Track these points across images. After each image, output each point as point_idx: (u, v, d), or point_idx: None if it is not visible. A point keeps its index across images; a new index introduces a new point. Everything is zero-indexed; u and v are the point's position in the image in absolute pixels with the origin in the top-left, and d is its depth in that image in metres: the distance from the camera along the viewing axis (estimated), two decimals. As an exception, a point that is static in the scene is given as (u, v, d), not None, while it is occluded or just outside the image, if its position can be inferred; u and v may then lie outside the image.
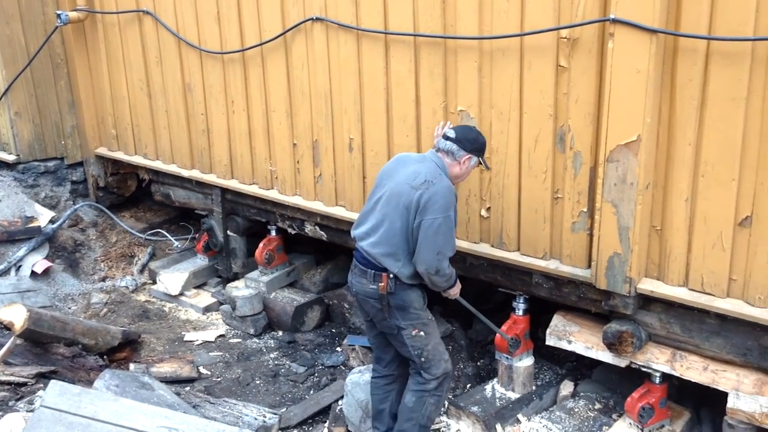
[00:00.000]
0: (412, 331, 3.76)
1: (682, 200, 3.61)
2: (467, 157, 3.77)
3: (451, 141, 3.76)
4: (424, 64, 4.33)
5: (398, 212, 3.63)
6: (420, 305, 3.81)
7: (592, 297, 4.08)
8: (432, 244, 3.58)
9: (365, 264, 3.74)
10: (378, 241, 3.68)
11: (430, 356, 3.82)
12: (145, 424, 3.62)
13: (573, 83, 3.76)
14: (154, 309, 6.11)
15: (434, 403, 3.92)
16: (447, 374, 3.91)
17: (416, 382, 3.89)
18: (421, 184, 3.60)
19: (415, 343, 3.77)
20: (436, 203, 3.56)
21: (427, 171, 3.66)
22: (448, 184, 3.68)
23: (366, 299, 3.78)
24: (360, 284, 3.78)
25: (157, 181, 6.60)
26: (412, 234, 3.62)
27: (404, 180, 3.66)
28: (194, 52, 5.64)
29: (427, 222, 3.55)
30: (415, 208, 3.58)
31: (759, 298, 3.52)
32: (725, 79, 3.32)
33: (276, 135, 5.35)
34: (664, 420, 4.14)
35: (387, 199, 3.69)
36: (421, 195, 3.57)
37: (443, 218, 3.58)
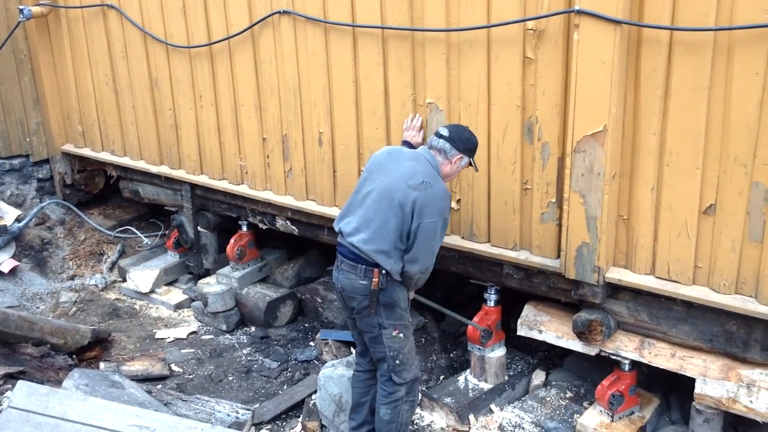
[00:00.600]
0: (392, 331, 3.73)
1: (647, 189, 3.66)
2: (459, 157, 3.77)
3: (444, 139, 3.75)
4: (392, 56, 4.33)
5: (392, 210, 3.59)
6: (406, 305, 3.81)
7: (561, 287, 4.11)
8: (430, 247, 3.63)
9: (354, 259, 3.66)
10: (371, 238, 3.61)
11: (405, 359, 3.80)
12: (116, 423, 3.59)
13: (540, 75, 3.78)
14: (125, 307, 6.04)
15: (408, 408, 3.93)
16: (416, 379, 3.91)
17: (386, 393, 3.84)
18: (419, 185, 3.58)
19: (393, 344, 3.75)
20: (434, 206, 3.58)
21: (424, 171, 3.65)
22: (444, 186, 3.70)
23: (353, 295, 3.70)
24: (348, 280, 3.69)
25: (126, 178, 6.52)
26: (407, 234, 3.60)
27: (400, 177, 3.62)
28: (161, 47, 5.58)
29: (426, 225, 3.56)
30: (411, 209, 3.56)
31: (724, 284, 3.57)
32: (688, 69, 3.37)
33: (245, 129, 5.31)
34: (633, 407, 4.19)
35: (380, 195, 3.63)
36: (418, 196, 3.55)
37: (442, 221, 3.62)
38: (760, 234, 3.40)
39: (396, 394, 3.83)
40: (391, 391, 3.83)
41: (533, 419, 4.34)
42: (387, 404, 3.83)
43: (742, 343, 3.66)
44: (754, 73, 3.21)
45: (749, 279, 3.51)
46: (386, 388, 3.84)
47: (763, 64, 3.18)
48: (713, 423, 3.87)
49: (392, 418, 3.83)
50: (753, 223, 3.42)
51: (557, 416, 4.33)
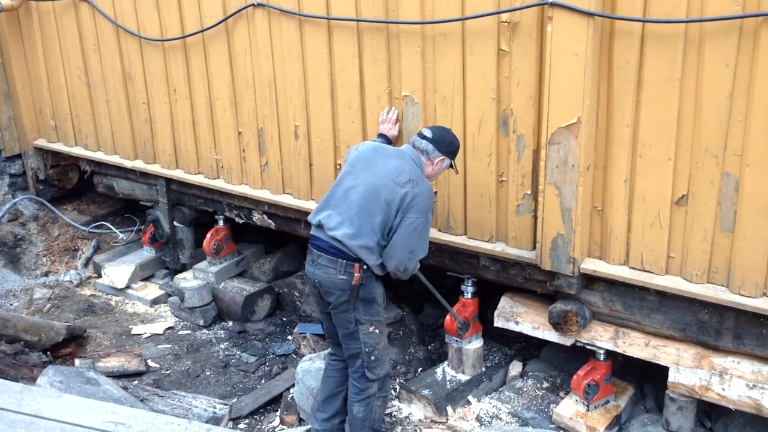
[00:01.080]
0: (369, 327, 3.73)
1: (621, 181, 3.69)
2: (441, 159, 3.80)
3: (427, 140, 3.77)
4: (367, 49, 4.32)
5: (379, 206, 3.58)
6: (382, 301, 3.81)
7: (537, 278, 4.14)
8: (407, 243, 3.61)
9: (335, 254, 3.64)
10: (356, 233, 3.59)
11: (380, 355, 3.80)
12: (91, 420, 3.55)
13: (514, 67, 3.80)
14: (100, 303, 5.99)
15: (381, 404, 3.93)
16: (388, 375, 3.93)
17: (359, 390, 3.84)
18: (406, 182, 3.59)
19: (369, 340, 3.75)
20: (419, 204, 3.59)
21: (410, 169, 3.67)
22: (429, 186, 3.73)
23: (331, 290, 3.67)
24: (327, 274, 3.66)
25: (100, 173, 6.45)
26: (390, 229, 3.61)
27: (387, 174, 3.62)
28: (134, 40, 5.51)
29: (408, 220, 3.57)
30: (398, 205, 3.57)
31: (696, 274, 3.62)
32: (660, 61, 3.40)
33: (220, 123, 5.27)
34: (609, 396, 4.24)
35: (366, 191, 3.62)
36: (406, 193, 3.57)
37: (424, 220, 3.63)
38: (731, 224, 3.45)
39: (368, 391, 3.83)
40: (364, 388, 3.82)
41: (510, 410, 4.37)
42: (360, 401, 3.83)
43: (714, 331, 3.71)
44: (724, 64, 3.25)
45: (721, 268, 3.56)
46: (359, 384, 3.84)
47: (733, 56, 3.22)
48: (686, 411, 3.92)
49: (365, 415, 3.83)
50: (724, 213, 3.46)
51: (534, 406, 4.37)
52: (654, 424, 4.08)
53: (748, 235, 3.41)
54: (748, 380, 3.64)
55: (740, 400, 3.66)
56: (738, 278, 3.50)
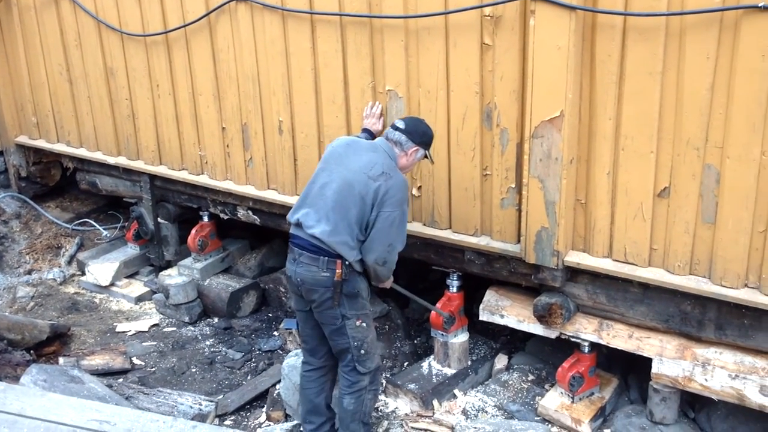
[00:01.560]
0: (356, 321, 3.72)
1: (604, 174, 3.71)
2: (415, 149, 3.79)
3: (400, 132, 3.77)
4: (351, 44, 4.31)
5: (354, 201, 3.57)
6: (367, 294, 3.79)
7: (522, 271, 4.16)
8: (385, 237, 3.60)
9: (315, 251, 3.62)
10: (333, 229, 3.58)
11: (369, 348, 3.80)
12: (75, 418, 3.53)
13: (497, 61, 3.80)
14: (84, 301, 5.95)
15: (372, 398, 3.92)
16: (379, 367, 3.92)
17: (350, 383, 3.83)
18: (379, 176, 3.58)
19: (357, 334, 3.74)
20: (394, 196, 3.57)
21: (384, 162, 3.65)
22: (403, 178, 3.70)
23: (314, 288, 3.65)
24: (309, 272, 3.64)
25: (82, 170, 6.40)
26: (366, 224, 3.60)
27: (360, 169, 3.61)
28: (115, 35, 5.47)
29: (384, 215, 3.56)
30: (373, 199, 3.55)
31: (678, 265, 3.65)
32: (641, 54, 3.41)
33: (204, 119, 5.25)
34: (593, 387, 4.27)
35: (340, 187, 3.61)
36: (379, 187, 3.55)
37: (400, 212, 3.60)
38: (713, 215, 3.48)
39: (360, 384, 3.83)
40: (355, 381, 3.82)
41: (496, 403, 4.39)
42: (351, 394, 3.83)
43: (696, 322, 3.75)
44: (705, 57, 3.27)
45: (703, 260, 3.59)
46: (350, 378, 3.83)
47: (714, 48, 3.24)
48: (670, 401, 3.96)
49: (356, 408, 3.83)
50: (705, 205, 3.49)
51: (519, 399, 4.39)
52: (638, 415, 4.12)
53: (730, 226, 3.44)
54: (730, 371, 3.67)
55: (723, 390, 3.70)
56: (720, 269, 3.53)
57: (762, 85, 3.17)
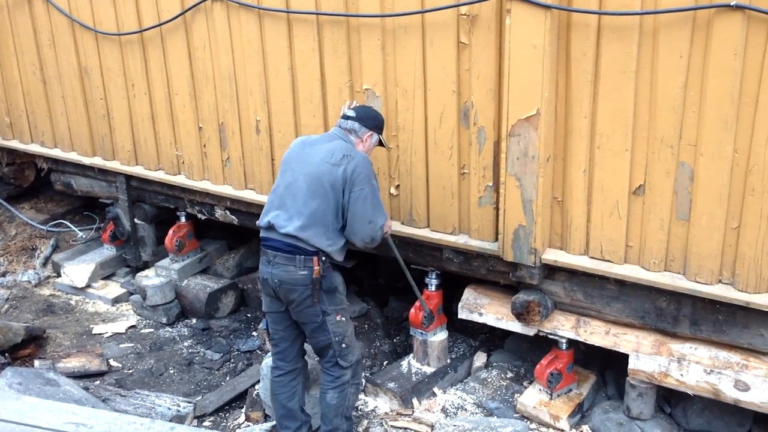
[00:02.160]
0: (336, 316, 3.73)
1: (580, 171, 3.73)
2: (369, 134, 3.85)
3: (352, 120, 3.83)
4: (327, 42, 4.30)
5: (324, 192, 3.59)
6: (343, 288, 3.82)
7: (500, 269, 4.17)
8: (363, 215, 3.63)
9: (290, 251, 3.62)
10: (307, 224, 3.59)
11: (350, 342, 3.82)
12: (51, 421, 3.50)
13: (474, 59, 3.81)
14: (60, 303, 5.88)
15: (354, 392, 3.95)
16: (360, 360, 3.95)
17: (333, 378, 3.83)
18: (340, 160, 3.61)
19: (337, 329, 3.75)
20: (360, 174, 3.61)
21: (341, 146, 3.70)
22: (363, 154, 3.75)
23: (293, 287, 3.64)
24: (287, 272, 3.62)
25: (57, 170, 6.32)
26: (342, 209, 3.62)
27: (321, 160, 3.64)
28: (89, 34, 5.41)
29: (355, 194, 3.59)
30: (342, 183, 3.58)
31: (653, 262, 3.69)
32: (616, 53, 3.44)
33: (180, 118, 5.21)
34: (571, 384, 4.30)
35: (307, 182, 3.62)
36: (344, 170, 3.59)
37: (369, 187, 3.64)
38: (687, 212, 3.52)
39: (343, 378, 3.83)
40: (338, 375, 3.83)
41: (475, 400, 4.40)
42: (334, 388, 3.83)
43: (672, 318, 3.79)
44: (678, 55, 3.30)
45: (677, 256, 3.63)
46: (333, 373, 3.83)
47: (687, 47, 3.28)
48: (647, 397, 3.99)
49: (340, 402, 3.83)
50: (680, 202, 3.53)
51: (498, 396, 4.41)
52: (615, 410, 4.15)
53: (703, 223, 3.48)
54: (705, 366, 3.72)
55: (698, 385, 3.74)
56: (694, 266, 3.58)
57: (734, 83, 3.21)
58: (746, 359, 3.65)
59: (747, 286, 3.48)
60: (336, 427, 3.86)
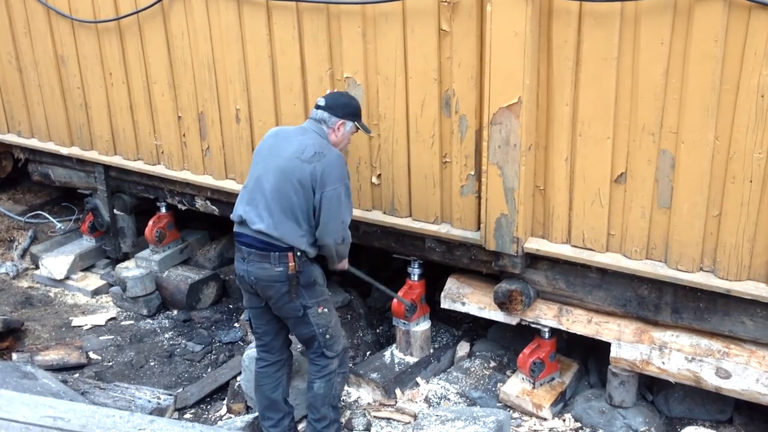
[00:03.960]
0: (317, 308, 3.68)
1: (562, 160, 3.72)
2: (340, 123, 3.70)
3: (321, 109, 3.70)
4: (308, 30, 4.24)
5: (293, 188, 3.50)
6: (323, 280, 3.75)
7: (482, 258, 4.16)
8: (336, 215, 3.55)
9: (264, 248, 3.56)
10: (278, 221, 3.52)
11: (334, 332, 3.77)
12: (28, 415, 3.43)
13: (455, 47, 3.78)
14: (38, 295, 5.80)
15: (341, 381, 3.90)
16: (345, 349, 3.90)
17: (319, 368, 3.79)
18: (311, 157, 3.51)
19: (320, 321, 3.70)
20: (332, 174, 3.51)
21: (314, 143, 3.57)
22: (337, 152, 3.64)
23: (270, 284, 3.59)
24: (262, 270, 3.58)
25: (35, 161, 6.23)
26: (313, 208, 3.53)
27: (292, 155, 3.54)
28: (65, 22, 5.32)
29: (328, 194, 3.49)
30: (312, 181, 3.48)
31: (635, 250, 3.68)
32: (597, 40, 3.42)
33: (159, 108, 5.14)
34: (554, 373, 4.30)
35: (276, 177, 3.54)
36: (314, 168, 3.48)
37: (342, 186, 3.55)
38: (668, 200, 3.51)
39: (329, 367, 3.80)
40: (324, 365, 3.79)
41: (458, 390, 4.40)
42: (321, 378, 3.79)
43: (653, 306, 3.79)
44: (659, 42, 3.29)
45: (659, 244, 3.63)
46: (319, 362, 3.80)
47: (668, 34, 3.26)
48: (628, 385, 4.00)
49: (327, 392, 3.80)
50: (661, 189, 3.52)
51: (481, 386, 4.40)
52: (598, 398, 4.16)
53: (685, 211, 3.48)
54: (686, 353, 3.73)
55: (680, 373, 3.75)
56: (675, 254, 3.57)
57: (715, 70, 3.20)
58: (727, 347, 3.66)
59: (728, 274, 3.49)
60: (324, 416, 3.83)
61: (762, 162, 3.24)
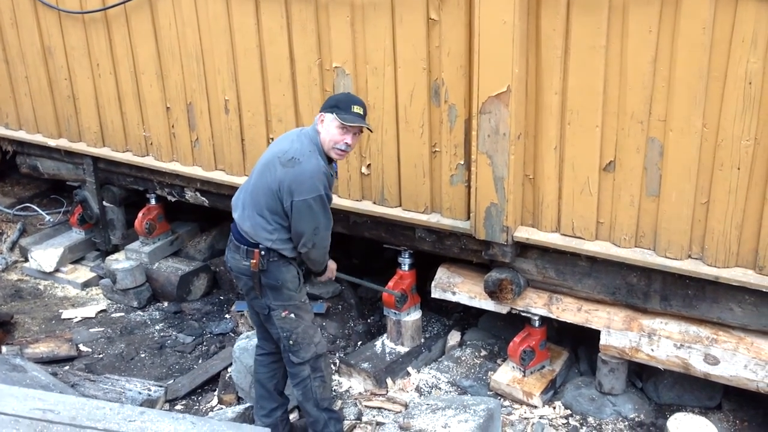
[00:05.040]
0: (281, 312, 3.62)
1: (551, 148, 3.72)
2: (322, 117, 3.56)
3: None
4: (296, 20, 4.23)
5: (265, 186, 3.49)
6: (294, 286, 3.64)
7: (472, 248, 4.16)
8: (307, 223, 3.47)
9: (239, 239, 3.61)
10: (248, 215, 3.55)
11: (299, 339, 3.68)
12: (17, 407, 3.42)
13: (444, 36, 3.77)
14: (28, 288, 5.77)
15: (319, 385, 3.78)
16: (318, 356, 3.75)
17: (292, 375, 3.77)
18: (288, 161, 3.45)
19: (284, 325, 3.65)
20: (302, 184, 3.42)
21: (298, 149, 3.49)
22: (316, 163, 3.46)
23: (239, 276, 3.66)
24: (234, 260, 3.65)
25: (23, 153, 6.18)
26: (284, 212, 3.49)
27: (274, 154, 3.52)
28: (52, 13, 5.27)
29: (298, 203, 3.43)
30: (279, 187, 3.44)
31: (624, 238, 3.69)
32: (585, 29, 3.42)
33: (147, 99, 5.11)
34: (544, 361, 4.32)
35: (258, 173, 3.56)
36: (285, 175, 3.42)
37: (313, 198, 3.43)
38: (657, 188, 3.52)
39: (301, 374, 3.73)
40: (295, 372, 3.75)
41: (449, 379, 4.41)
42: (296, 385, 3.78)
43: (642, 294, 3.81)
44: (647, 30, 3.29)
45: (648, 232, 3.64)
46: (290, 369, 3.77)
47: (656, 22, 3.27)
48: (618, 372, 4.03)
49: (306, 397, 3.77)
50: (650, 177, 3.53)
51: (472, 375, 4.42)
52: (588, 386, 4.19)
53: (673, 198, 3.49)
54: (675, 340, 3.75)
55: (668, 359, 3.77)
56: (664, 241, 3.59)
57: (702, 58, 3.21)
58: (716, 333, 3.68)
59: (716, 261, 3.51)
60: (316, 419, 3.80)
61: (749, 149, 3.26)
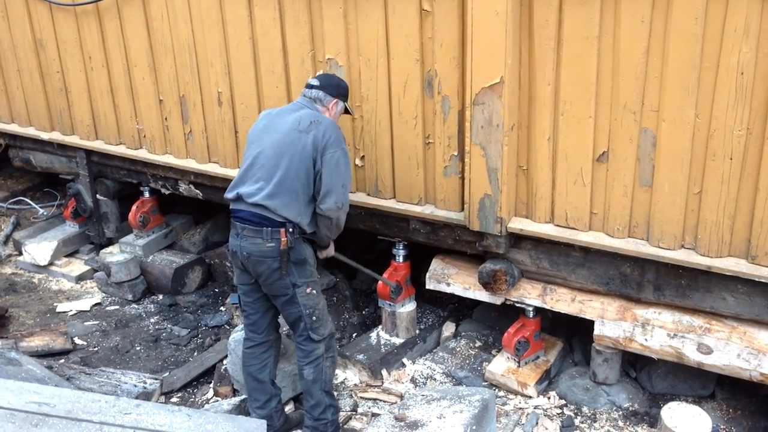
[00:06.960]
0: (306, 288, 3.68)
1: (544, 139, 3.72)
2: (334, 102, 3.78)
3: (316, 89, 3.75)
4: (288, 11, 4.21)
5: (292, 159, 3.53)
6: (314, 261, 3.76)
7: (467, 239, 4.17)
8: (337, 179, 3.57)
9: (258, 222, 3.57)
10: (275, 192, 3.53)
11: (321, 315, 3.76)
12: (12, 401, 3.42)
13: (437, 27, 3.76)
14: (22, 281, 5.77)
15: (330, 365, 3.87)
16: (332, 333, 3.89)
17: (306, 353, 3.79)
18: (308, 126, 3.56)
19: (308, 301, 3.70)
20: (330, 138, 3.56)
21: (308, 114, 3.64)
22: (331, 120, 3.69)
23: (262, 260, 3.60)
24: (254, 245, 3.58)
25: (15, 146, 6.16)
26: (314, 177, 3.56)
27: (289, 128, 3.58)
28: (43, 5, 5.24)
29: (328, 157, 3.53)
30: (313, 149, 3.53)
31: (617, 229, 3.70)
32: (578, 19, 3.41)
33: (140, 91, 5.09)
34: (538, 351, 4.33)
35: (275, 150, 3.56)
36: (315, 136, 3.53)
37: (341, 151, 3.59)
38: (650, 179, 3.53)
39: (316, 352, 3.79)
40: (311, 350, 3.79)
41: (444, 370, 4.42)
42: (309, 364, 3.80)
43: (636, 284, 3.82)
44: (640, 20, 3.28)
45: (641, 222, 3.65)
46: (305, 347, 3.80)
47: (649, 12, 3.26)
48: (612, 362, 4.04)
49: (316, 377, 3.80)
50: (643, 168, 3.53)
51: (467, 365, 4.43)
52: (582, 376, 4.20)
53: (666, 189, 3.49)
54: (669, 330, 3.76)
55: (662, 349, 3.79)
56: (657, 231, 3.60)
57: (695, 48, 3.20)
58: (709, 323, 3.70)
59: (709, 251, 3.52)
60: (318, 402, 3.83)
61: (742, 139, 3.26)
